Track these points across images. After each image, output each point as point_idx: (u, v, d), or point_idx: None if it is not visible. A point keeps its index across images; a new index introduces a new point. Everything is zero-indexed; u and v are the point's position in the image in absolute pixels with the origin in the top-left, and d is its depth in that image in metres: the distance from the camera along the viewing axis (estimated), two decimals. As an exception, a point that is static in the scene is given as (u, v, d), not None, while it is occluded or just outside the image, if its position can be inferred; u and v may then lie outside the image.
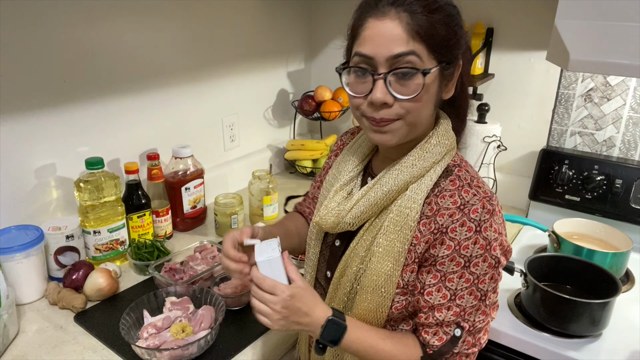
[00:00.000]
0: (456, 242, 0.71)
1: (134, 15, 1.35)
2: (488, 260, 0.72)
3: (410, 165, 0.76)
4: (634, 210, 1.40)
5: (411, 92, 0.71)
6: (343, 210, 0.81)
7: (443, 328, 0.75)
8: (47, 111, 1.22)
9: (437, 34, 0.70)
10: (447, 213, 0.73)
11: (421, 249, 0.75)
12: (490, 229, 0.72)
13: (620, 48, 1.03)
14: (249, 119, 1.84)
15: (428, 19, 0.69)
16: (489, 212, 0.72)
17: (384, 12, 0.70)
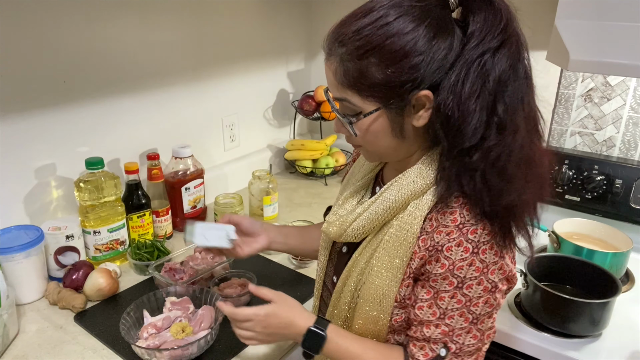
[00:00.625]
0: (450, 262, 0.69)
1: (134, 15, 1.35)
2: (484, 283, 0.69)
3: (412, 182, 0.74)
4: (634, 210, 1.40)
5: (348, 133, 0.74)
6: (346, 222, 0.81)
7: (430, 344, 0.73)
8: (47, 111, 1.22)
9: (369, 78, 0.67)
10: (444, 231, 0.70)
11: (416, 264, 0.73)
12: (489, 252, 0.68)
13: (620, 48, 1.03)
14: (249, 119, 1.84)
15: (356, 66, 0.68)
16: (490, 235, 0.69)
17: (326, 58, 0.73)
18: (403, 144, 0.74)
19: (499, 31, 0.66)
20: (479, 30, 0.66)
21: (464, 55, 0.66)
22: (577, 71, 1.43)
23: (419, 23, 0.65)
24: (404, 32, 0.65)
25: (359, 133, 0.73)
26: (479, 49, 0.65)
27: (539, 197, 0.72)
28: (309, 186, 1.85)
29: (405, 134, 0.73)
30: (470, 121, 0.66)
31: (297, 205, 1.68)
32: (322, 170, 1.87)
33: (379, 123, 0.71)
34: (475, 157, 0.67)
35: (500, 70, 0.67)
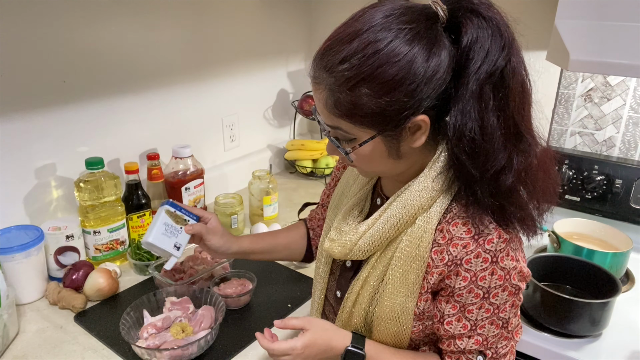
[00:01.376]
0: (472, 274, 0.69)
1: (134, 15, 1.35)
2: (508, 289, 0.70)
3: (417, 197, 0.72)
4: (634, 210, 1.40)
5: (342, 159, 0.75)
6: (350, 241, 0.78)
7: (466, 355, 0.74)
8: (47, 111, 1.22)
9: (363, 109, 0.64)
10: (460, 243, 0.69)
11: (434, 279, 0.72)
12: (507, 258, 0.69)
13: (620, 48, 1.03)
14: (249, 119, 1.83)
15: (348, 97, 0.64)
16: (505, 241, 0.68)
17: (314, 81, 0.69)
18: (400, 163, 0.73)
19: (502, 47, 0.64)
20: (477, 45, 0.63)
21: (471, 73, 0.63)
22: (577, 71, 1.43)
23: (410, 47, 0.62)
24: (396, 59, 0.62)
25: (354, 159, 0.72)
26: (487, 65, 0.63)
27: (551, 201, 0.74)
28: (309, 186, 1.85)
29: (402, 155, 0.71)
30: (496, 142, 0.65)
31: (297, 205, 1.67)
32: (322, 170, 1.87)
33: (374, 149, 0.70)
34: (510, 178, 0.66)
35: (516, 84, 0.67)
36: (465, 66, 0.63)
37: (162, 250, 0.95)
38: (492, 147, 0.65)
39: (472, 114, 0.64)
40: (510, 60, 0.65)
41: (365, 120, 0.66)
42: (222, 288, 1.14)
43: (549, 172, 0.72)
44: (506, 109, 0.65)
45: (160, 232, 0.95)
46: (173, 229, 0.97)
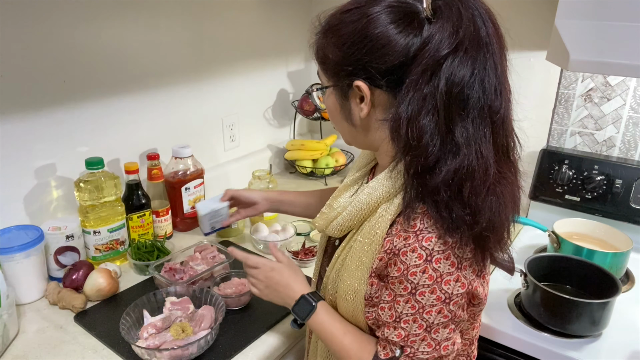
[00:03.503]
0: (405, 267, 0.69)
1: (134, 16, 1.35)
2: (436, 293, 0.68)
3: (380, 185, 0.75)
4: (634, 210, 1.40)
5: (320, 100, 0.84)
6: (328, 218, 0.84)
7: (390, 345, 0.74)
8: (47, 111, 1.22)
9: (325, 56, 0.74)
10: (403, 235, 0.70)
11: (377, 264, 0.74)
12: (444, 262, 0.67)
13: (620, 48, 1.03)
14: (249, 119, 1.83)
15: (320, 43, 0.75)
16: (447, 244, 0.67)
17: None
18: (358, 132, 0.78)
19: (455, 36, 0.63)
20: (435, 36, 0.63)
21: (417, 63, 0.64)
22: (577, 71, 1.43)
23: (375, 18, 0.66)
24: (357, 21, 0.68)
25: (320, 105, 0.85)
26: (431, 56, 0.63)
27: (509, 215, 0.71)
28: (309, 186, 1.85)
29: (355, 121, 0.76)
30: (422, 138, 0.64)
31: (297, 205, 1.68)
32: (322, 170, 1.87)
33: (330, 100, 0.79)
34: (436, 179, 0.65)
35: (454, 80, 0.63)
36: (417, 57, 0.64)
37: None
38: (419, 144, 0.65)
39: (408, 105, 0.65)
40: (454, 60, 0.63)
41: (327, 67, 0.75)
42: (222, 288, 1.14)
43: (495, 188, 0.67)
44: (438, 110, 0.64)
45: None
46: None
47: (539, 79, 1.56)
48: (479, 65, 0.64)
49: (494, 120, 0.66)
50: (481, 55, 0.64)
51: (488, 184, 0.65)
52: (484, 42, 0.64)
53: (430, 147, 0.64)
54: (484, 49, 0.64)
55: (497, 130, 0.67)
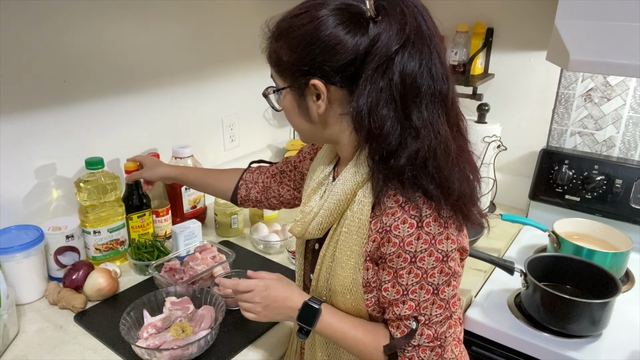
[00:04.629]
0: (400, 239, 0.73)
1: (134, 15, 1.35)
2: (434, 254, 0.72)
3: (353, 173, 0.79)
4: (634, 210, 1.40)
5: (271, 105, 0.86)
6: (305, 222, 0.86)
7: (403, 322, 0.76)
8: (47, 111, 1.22)
9: (281, 59, 0.77)
10: (390, 212, 0.74)
11: (370, 247, 0.76)
12: (433, 224, 0.72)
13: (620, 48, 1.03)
14: (249, 119, 1.83)
15: (272, 47, 0.80)
16: (431, 207, 0.72)
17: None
18: (317, 128, 0.80)
19: (402, 32, 0.69)
20: (383, 34, 0.69)
21: (370, 60, 0.70)
22: (577, 71, 1.43)
23: (324, 20, 0.71)
24: (308, 24, 0.72)
25: (277, 107, 0.85)
26: (383, 52, 0.69)
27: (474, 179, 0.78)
28: (309, 186, 1.85)
29: (313, 118, 0.79)
30: (384, 127, 0.71)
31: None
32: (322, 170, 1.87)
33: (286, 101, 0.81)
34: (400, 161, 0.72)
35: (406, 72, 0.70)
36: (369, 53, 0.70)
37: None
38: (381, 132, 0.71)
39: (367, 98, 0.71)
40: (404, 55, 0.69)
41: (281, 70, 0.79)
42: (222, 288, 1.14)
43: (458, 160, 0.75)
44: (395, 100, 0.70)
45: None
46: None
47: (539, 79, 1.56)
48: (426, 57, 0.70)
49: (445, 103, 0.73)
50: (426, 47, 0.71)
51: (451, 158, 0.73)
52: (426, 35, 0.71)
53: (392, 133, 0.71)
54: (427, 42, 0.71)
55: (448, 111, 0.74)
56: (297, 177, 1.08)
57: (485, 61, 1.62)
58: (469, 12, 1.60)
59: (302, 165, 1.06)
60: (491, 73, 1.63)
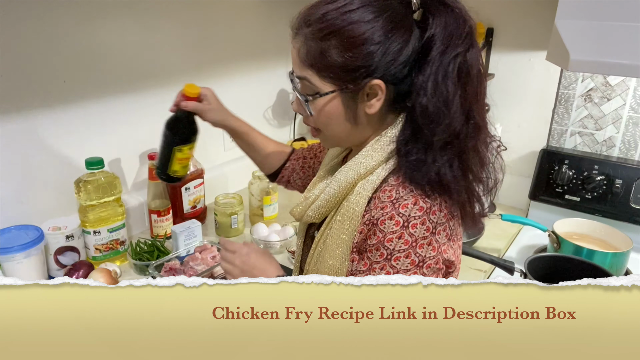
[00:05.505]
0: (383, 234, 0.72)
1: (134, 16, 1.35)
2: (411, 257, 0.71)
3: (358, 163, 0.78)
4: (634, 210, 1.40)
5: (304, 112, 0.78)
6: (307, 204, 0.85)
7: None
8: (47, 111, 1.22)
9: (329, 60, 0.72)
10: (380, 206, 0.73)
11: (357, 238, 0.76)
12: (420, 227, 0.70)
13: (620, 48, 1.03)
14: (249, 119, 1.82)
15: (318, 46, 0.73)
16: (422, 209, 0.71)
17: (292, 37, 0.79)
18: (356, 130, 0.78)
19: (465, 34, 0.71)
20: (442, 34, 0.70)
21: (435, 57, 0.70)
22: (577, 71, 1.43)
23: (378, 15, 0.70)
24: (363, 20, 0.70)
25: (314, 113, 0.77)
26: (450, 51, 0.70)
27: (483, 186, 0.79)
28: (309, 186, 1.85)
29: (359, 120, 0.77)
30: (454, 118, 0.71)
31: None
32: (322, 170, 1.87)
33: (333, 105, 0.76)
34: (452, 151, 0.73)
35: (475, 71, 0.72)
36: (430, 49, 0.70)
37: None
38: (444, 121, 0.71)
39: (434, 91, 0.71)
40: (469, 49, 0.72)
41: (329, 72, 0.73)
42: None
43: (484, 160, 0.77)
44: (462, 91, 0.71)
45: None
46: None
47: (539, 79, 1.56)
48: (476, 52, 0.72)
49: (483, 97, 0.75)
50: (474, 42, 0.73)
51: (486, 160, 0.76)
52: (472, 32, 0.73)
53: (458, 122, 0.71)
54: (473, 38, 0.73)
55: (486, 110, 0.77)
56: (315, 165, 1.09)
57: (485, 61, 1.63)
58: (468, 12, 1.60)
59: (322, 155, 1.07)
60: (491, 73, 1.63)
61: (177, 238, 1.30)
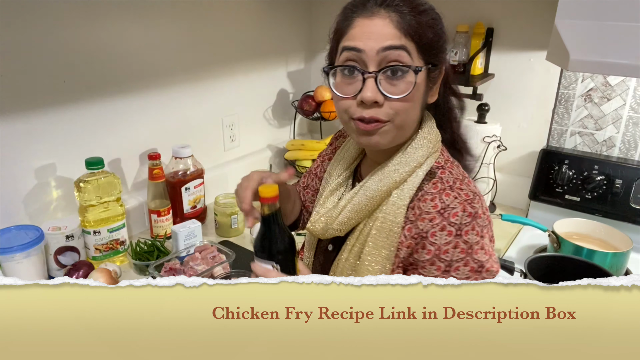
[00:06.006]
0: (436, 247, 0.70)
1: (134, 15, 1.35)
2: (470, 264, 0.70)
3: (393, 170, 0.76)
4: (634, 210, 1.40)
5: (401, 92, 0.71)
6: (331, 217, 0.81)
7: None
8: (47, 111, 1.22)
9: (425, 34, 0.71)
10: (427, 217, 0.72)
11: (403, 253, 0.74)
12: (472, 232, 0.70)
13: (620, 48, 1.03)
14: (249, 119, 1.84)
15: (416, 20, 0.71)
16: (471, 215, 0.70)
17: (372, 12, 0.71)
18: (417, 122, 0.79)
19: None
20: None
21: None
22: (577, 71, 1.43)
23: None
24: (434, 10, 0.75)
25: (408, 93, 0.71)
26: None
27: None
28: (309, 186, 1.85)
29: (424, 104, 0.78)
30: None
31: (297, 205, 1.68)
32: (322, 170, 1.87)
33: (421, 85, 0.74)
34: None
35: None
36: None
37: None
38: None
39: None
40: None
41: (424, 46, 0.72)
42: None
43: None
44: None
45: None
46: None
47: (539, 79, 1.56)
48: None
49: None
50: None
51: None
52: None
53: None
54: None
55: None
56: (318, 185, 1.01)
57: (485, 61, 1.62)
58: (469, 12, 1.60)
59: (321, 171, 1.00)
60: (491, 73, 1.63)
61: (177, 238, 1.30)
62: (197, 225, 1.33)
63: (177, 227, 1.31)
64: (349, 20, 0.73)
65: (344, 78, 0.73)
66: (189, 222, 1.34)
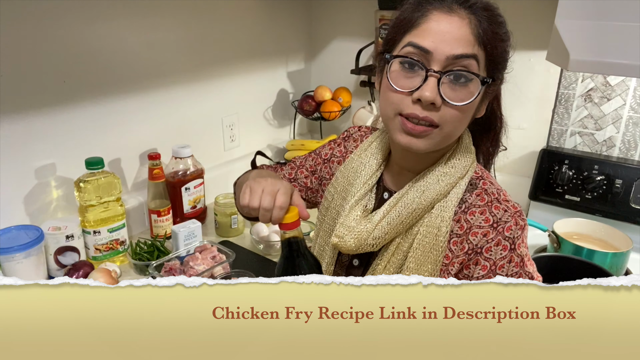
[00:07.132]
0: (492, 262, 0.69)
1: (134, 15, 1.35)
2: (522, 277, 0.70)
3: (436, 181, 0.72)
4: (634, 210, 1.40)
5: (460, 99, 0.67)
6: (363, 231, 0.74)
7: None
8: (47, 111, 1.22)
9: (497, 47, 0.69)
10: (480, 232, 0.70)
11: (455, 269, 0.71)
12: (522, 245, 0.70)
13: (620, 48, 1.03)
14: (249, 119, 1.83)
15: (492, 29, 0.68)
16: (521, 228, 0.70)
17: (451, 9, 0.67)
18: (459, 135, 0.76)
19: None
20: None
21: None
22: (577, 71, 1.43)
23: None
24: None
25: (468, 102, 0.68)
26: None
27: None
28: (309, 186, 1.85)
29: (471, 121, 0.76)
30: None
31: (297, 205, 1.68)
32: (322, 170, 1.87)
33: (479, 97, 0.70)
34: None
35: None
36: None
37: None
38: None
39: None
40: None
41: (493, 58, 0.70)
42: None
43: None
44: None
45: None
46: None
47: (539, 79, 1.56)
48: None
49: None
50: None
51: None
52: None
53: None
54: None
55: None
56: (313, 184, 0.95)
57: (485, 61, 1.62)
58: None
59: (326, 168, 0.93)
60: (491, 73, 1.63)
61: (177, 238, 1.30)
62: (197, 225, 1.33)
63: (177, 227, 1.31)
64: (422, 10, 0.67)
65: (402, 70, 0.68)
66: (189, 222, 1.34)
